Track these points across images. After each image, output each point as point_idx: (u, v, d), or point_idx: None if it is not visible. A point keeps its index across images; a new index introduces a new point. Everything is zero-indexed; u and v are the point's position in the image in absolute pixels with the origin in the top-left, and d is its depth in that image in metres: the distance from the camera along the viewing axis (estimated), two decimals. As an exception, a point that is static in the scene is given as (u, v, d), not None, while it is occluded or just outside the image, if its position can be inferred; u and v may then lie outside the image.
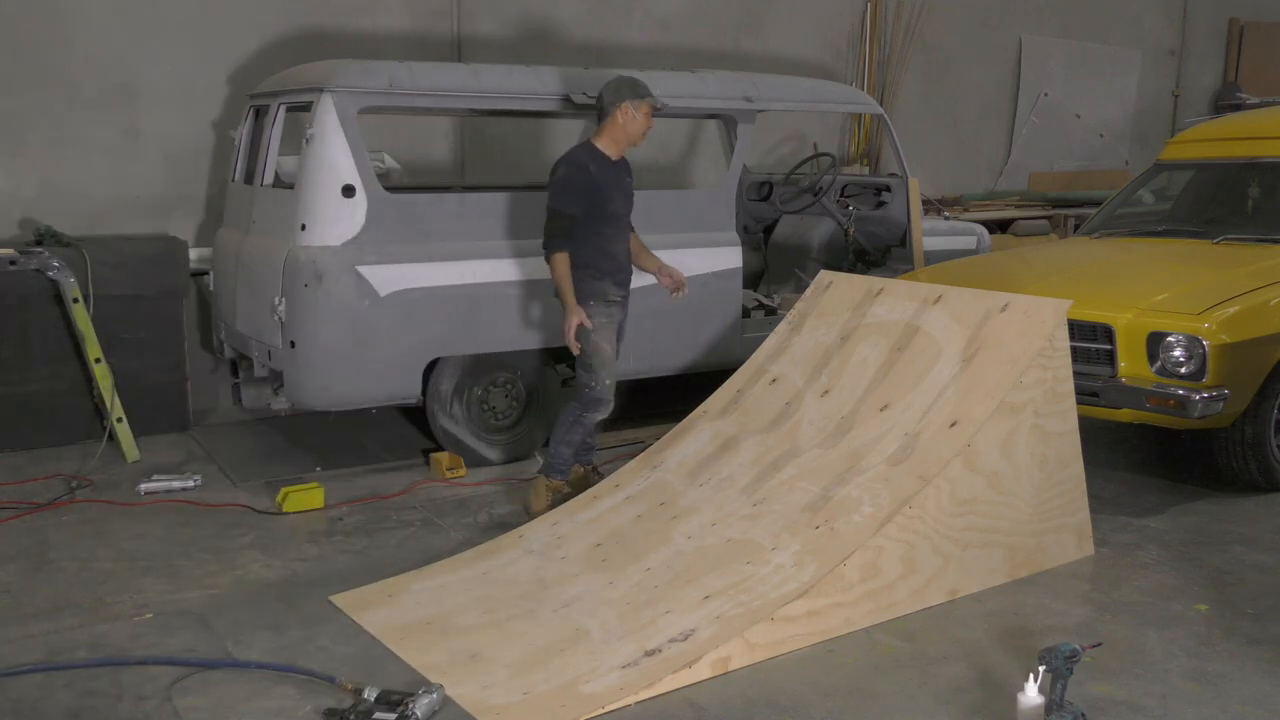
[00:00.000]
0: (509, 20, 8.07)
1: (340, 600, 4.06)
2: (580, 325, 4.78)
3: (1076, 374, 4.46)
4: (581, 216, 4.79)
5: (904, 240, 7.04)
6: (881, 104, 8.92)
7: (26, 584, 4.22)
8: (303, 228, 5.31)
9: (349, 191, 5.31)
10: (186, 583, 4.24)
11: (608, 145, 4.92)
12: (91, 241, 6.23)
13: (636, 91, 4.89)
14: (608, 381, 4.86)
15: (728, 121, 6.73)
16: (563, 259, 4.76)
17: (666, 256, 6.06)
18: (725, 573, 3.94)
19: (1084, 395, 4.75)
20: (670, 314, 6.12)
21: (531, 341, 5.77)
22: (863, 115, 9.56)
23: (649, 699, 3.32)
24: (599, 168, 4.85)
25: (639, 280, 6.01)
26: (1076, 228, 8.85)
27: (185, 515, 5.01)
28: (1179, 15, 12.24)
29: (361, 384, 5.31)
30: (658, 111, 5.03)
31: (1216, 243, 6.00)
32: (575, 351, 4.83)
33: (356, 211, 5.33)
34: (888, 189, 7.25)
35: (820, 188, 6.92)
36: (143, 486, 5.28)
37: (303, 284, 5.24)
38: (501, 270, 5.63)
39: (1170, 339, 4.97)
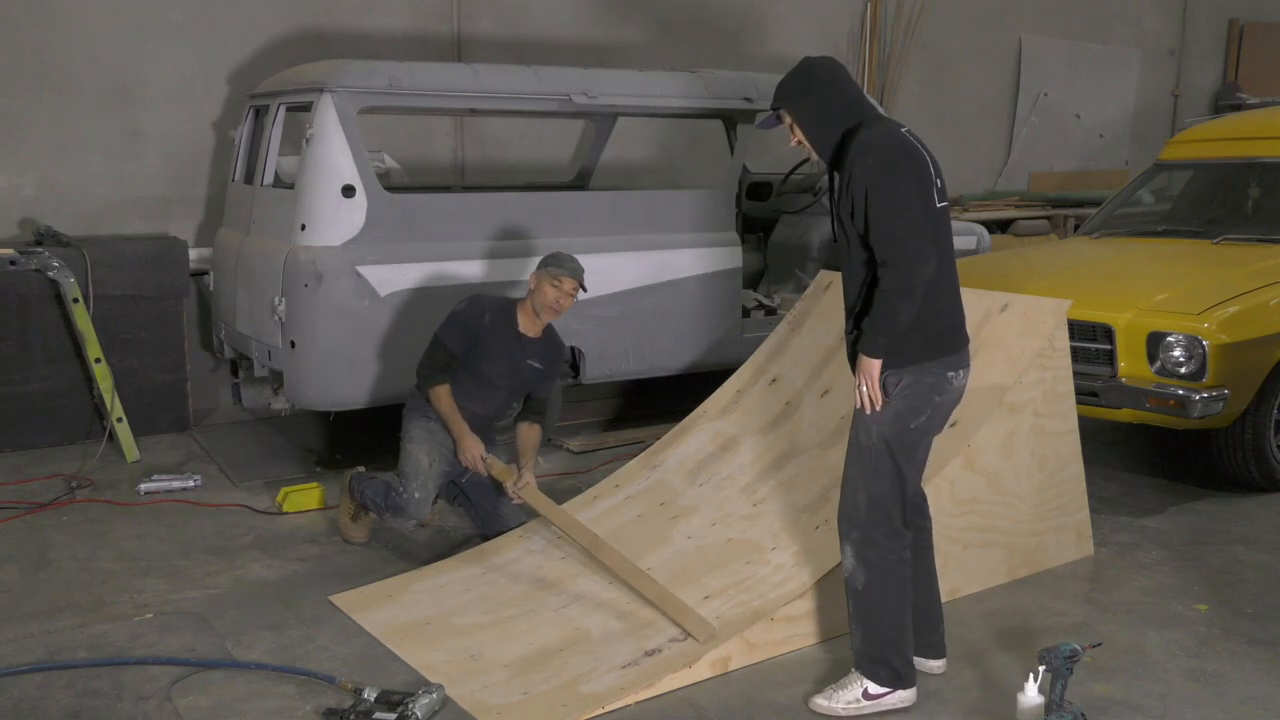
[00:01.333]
0: (509, 20, 8.07)
1: (340, 600, 4.06)
2: (403, 432, 4.56)
3: (1076, 374, 4.46)
4: (457, 354, 4.56)
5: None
6: (881, 104, 8.91)
7: (26, 584, 4.22)
8: (303, 228, 5.31)
9: (349, 191, 5.31)
10: (186, 583, 4.24)
11: (523, 312, 4.62)
12: (91, 241, 6.24)
13: (546, 264, 4.55)
14: (418, 495, 4.41)
15: (728, 121, 6.74)
16: (439, 391, 4.50)
17: (667, 256, 6.09)
18: (725, 573, 3.94)
19: (1084, 395, 4.75)
20: (670, 314, 6.13)
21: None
22: (863, 115, 9.54)
23: (649, 699, 3.32)
24: (497, 321, 4.58)
25: (638, 280, 6.04)
26: (1076, 228, 8.85)
27: (185, 515, 5.01)
28: (1179, 15, 12.24)
29: (361, 384, 5.31)
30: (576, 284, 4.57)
31: (1216, 243, 6.00)
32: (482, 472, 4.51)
33: (356, 211, 5.33)
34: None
35: (820, 188, 6.92)
36: (143, 486, 5.29)
37: (303, 284, 5.24)
38: (501, 270, 5.63)
39: (1170, 339, 4.97)
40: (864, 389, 3.19)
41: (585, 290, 4.66)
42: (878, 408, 3.19)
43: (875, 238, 3.09)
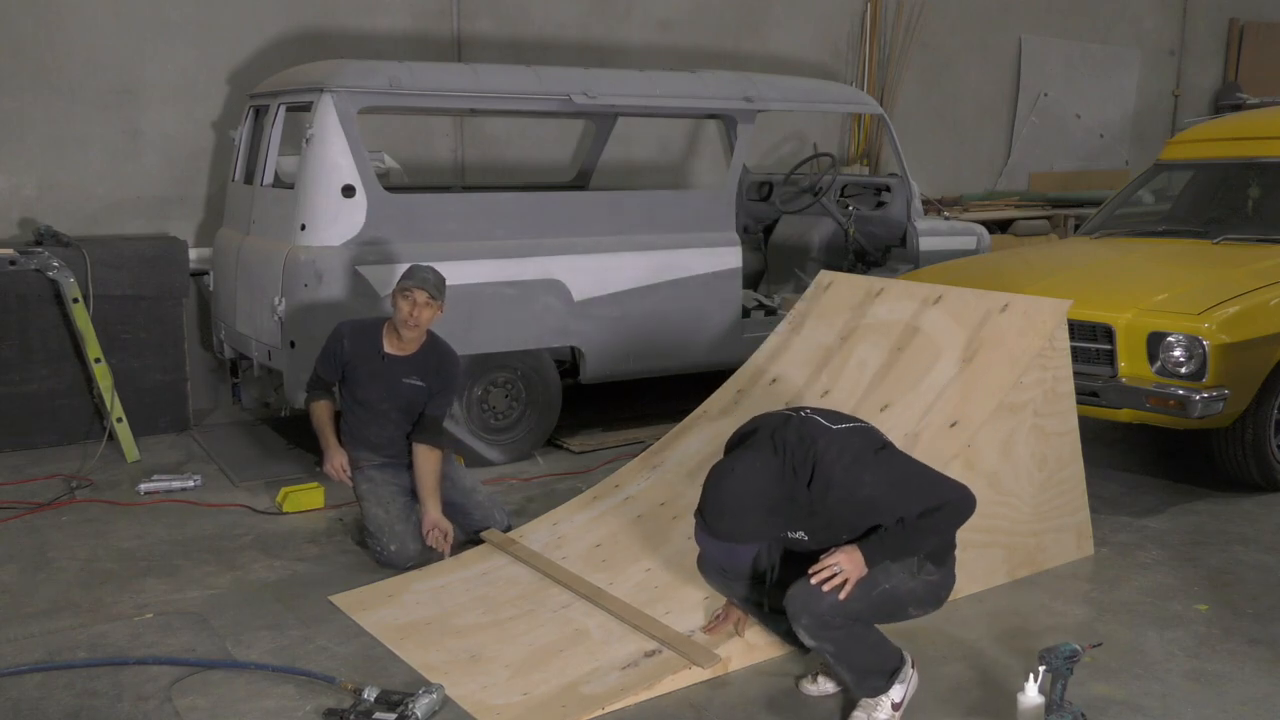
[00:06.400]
0: (509, 20, 8.08)
1: (340, 600, 4.06)
2: (354, 491, 4.55)
3: (1076, 374, 4.46)
4: (331, 381, 4.59)
5: (904, 240, 7.05)
6: (881, 104, 8.92)
7: (26, 584, 4.22)
8: (303, 228, 5.31)
9: (349, 191, 5.31)
10: (186, 583, 4.24)
11: (389, 331, 4.53)
12: (91, 241, 6.24)
13: (400, 279, 4.44)
14: (393, 547, 4.32)
15: (728, 121, 6.74)
16: (314, 407, 4.58)
17: (667, 256, 6.10)
18: (725, 573, 3.93)
19: (1084, 395, 4.75)
20: (670, 314, 6.13)
21: (531, 341, 5.78)
22: (863, 115, 9.56)
23: (649, 699, 3.32)
24: (356, 346, 4.52)
25: (638, 280, 6.04)
26: (1076, 228, 8.84)
27: (185, 515, 5.01)
28: (1179, 15, 12.24)
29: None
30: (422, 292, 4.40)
31: (1216, 243, 6.00)
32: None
33: (356, 211, 5.33)
34: (887, 189, 7.26)
35: (820, 188, 6.93)
36: (143, 486, 5.29)
37: (303, 284, 5.24)
38: (501, 270, 5.63)
39: (1170, 339, 4.97)
40: (838, 574, 3.01)
41: (440, 302, 4.44)
42: (841, 597, 3.01)
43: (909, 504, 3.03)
